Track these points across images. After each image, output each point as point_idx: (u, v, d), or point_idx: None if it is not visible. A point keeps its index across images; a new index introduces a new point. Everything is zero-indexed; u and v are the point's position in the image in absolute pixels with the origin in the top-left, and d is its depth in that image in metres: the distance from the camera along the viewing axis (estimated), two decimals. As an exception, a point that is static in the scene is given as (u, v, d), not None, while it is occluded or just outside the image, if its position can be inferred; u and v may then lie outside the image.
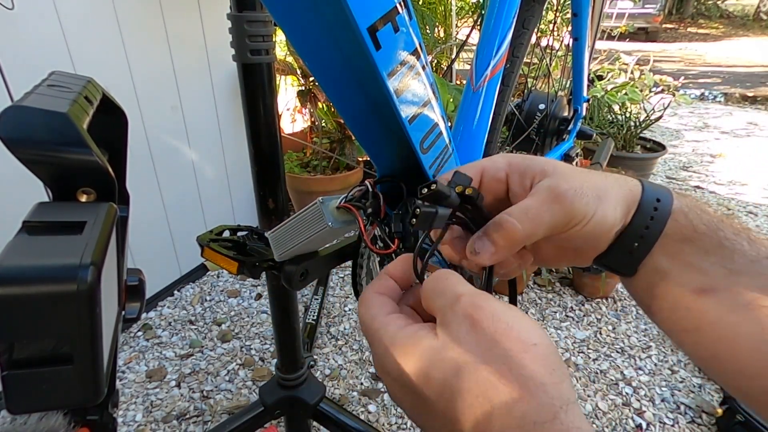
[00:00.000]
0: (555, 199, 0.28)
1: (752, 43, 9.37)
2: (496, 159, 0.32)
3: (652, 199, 0.29)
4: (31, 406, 0.22)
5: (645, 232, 0.29)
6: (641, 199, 0.29)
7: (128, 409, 1.16)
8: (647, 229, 0.29)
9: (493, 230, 0.28)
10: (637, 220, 0.29)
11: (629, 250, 0.30)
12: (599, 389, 1.26)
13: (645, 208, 0.29)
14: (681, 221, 0.29)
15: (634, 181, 0.31)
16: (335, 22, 0.31)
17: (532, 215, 0.28)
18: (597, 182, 0.29)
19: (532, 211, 0.28)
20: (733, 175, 2.82)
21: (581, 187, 0.28)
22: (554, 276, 1.73)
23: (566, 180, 0.29)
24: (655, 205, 0.29)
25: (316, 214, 0.37)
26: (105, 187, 0.25)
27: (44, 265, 0.19)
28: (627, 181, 0.30)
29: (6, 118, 0.22)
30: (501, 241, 0.28)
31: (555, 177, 0.29)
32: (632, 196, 0.29)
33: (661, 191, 0.30)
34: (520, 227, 0.28)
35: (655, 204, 0.29)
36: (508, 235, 0.28)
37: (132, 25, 1.25)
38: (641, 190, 0.30)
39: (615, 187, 0.30)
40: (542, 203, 0.28)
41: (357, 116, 0.39)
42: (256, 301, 1.59)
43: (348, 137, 2.01)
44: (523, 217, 0.28)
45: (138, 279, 0.32)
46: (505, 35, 0.61)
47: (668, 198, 0.29)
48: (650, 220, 0.29)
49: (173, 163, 1.48)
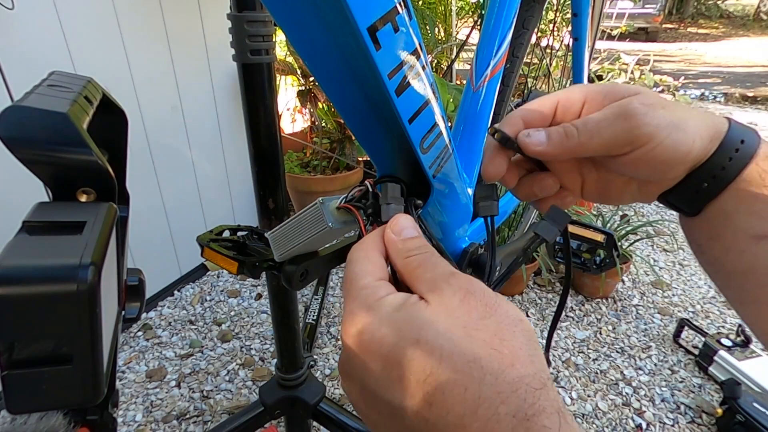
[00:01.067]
0: (622, 115, 0.27)
1: (752, 43, 9.37)
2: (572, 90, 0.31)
3: (736, 139, 0.27)
4: (31, 406, 0.22)
5: (720, 173, 0.27)
6: (725, 138, 0.27)
7: (128, 409, 1.16)
8: (723, 169, 0.27)
9: (554, 129, 0.29)
10: (716, 159, 0.27)
11: (696, 189, 0.28)
12: (599, 389, 1.26)
13: (726, 147, 0.27)
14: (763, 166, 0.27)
15: (721, 118, 0.28)
16: (335, 22, 0.31)
17: (591, 126, 0.28)
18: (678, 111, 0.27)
19: (592, 122, 0.28)
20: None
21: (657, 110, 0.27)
22: (554, 276, 1.73)
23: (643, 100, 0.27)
24: (738, 146, 0.27)
25: (316, 215, 0.37)
26: (105, 187, 0.25)
27: (44, 265, 0.19)
28: (714, 117, 0.28)
29: (6, 118, 0.22)
30: (555, 137, 0.29)
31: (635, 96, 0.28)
32: (716, 132, 0.27)
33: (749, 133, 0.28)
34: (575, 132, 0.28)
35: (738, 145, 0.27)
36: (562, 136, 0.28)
37: (132, 25, 1.25)
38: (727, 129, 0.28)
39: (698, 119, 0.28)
40: (606, 117, 0.28)
41: (357, 116, 0.39)
42: (256, 301, 1.59)
43: (348, 137, 2.01)
44: (582, 125, 0.28)
45: (138, 279, 0.32)
46: (505, 35, 0.61)
47: (754, 140, 0.27)
48: (728, 161, 0.27)
49: (173, 163, 1.48)
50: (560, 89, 0.34)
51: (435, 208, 0.45)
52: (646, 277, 1.77)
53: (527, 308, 1.58)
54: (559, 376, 1.30)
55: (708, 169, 0.28)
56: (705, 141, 0.27)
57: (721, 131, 0.28)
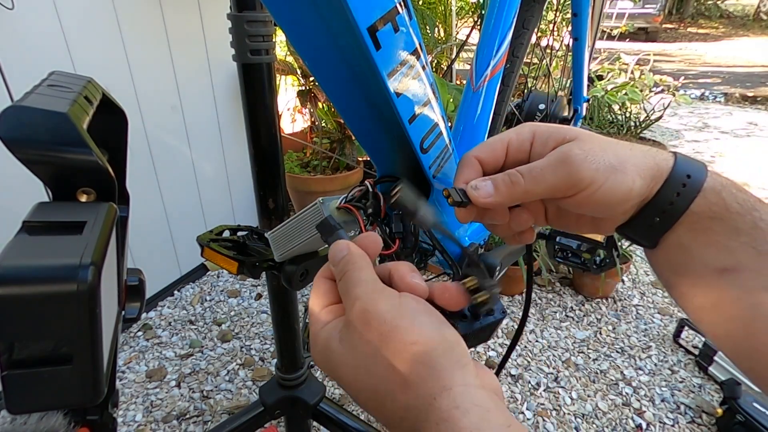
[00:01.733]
0: (563, 162, 0.29)
1: (752, 43, 9.37)
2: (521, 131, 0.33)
3: (682, 174, 0.28)
4: (31, 406, 0.22)
5: (668, 207, 0.28)
6: (670, 174, 0.28)
7: (128, 409, 1.16)
8: (671, 204, 0.28)
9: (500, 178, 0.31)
10: (663, 195, 0.28)
11: (650, 224, 0.29)
12: (599, 389, 1.26)
13: (672, 183, 0.28)
14: (712, 199, 0.28)
15: (666, 154, 0.29)
16: (335, 22, 0.31)
17: (535, 173, 0.29)
18: (618, 151, 0.29)
19: (537, 170, 0.29)
20: (733, 175, 2.82)
21: (596, 154, 0.28)
22: (554, 276, 1.73)
23: (582, 146, 0.29)
24: (684, 181, 0.28)
25: (316, 215, 0.37)
26: (105, 187, 0.25)
27: (44, 265, 0.19)
28: (656, 154, 0.29)
29: (6, 118, 0.22)
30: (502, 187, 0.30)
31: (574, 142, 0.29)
32: (658, 170, 0.29)
33: (695, 166, 0.29)
34: (522, 181, 0.30)
35: (685, 180, 0.28)
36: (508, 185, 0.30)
37: (132, 25, 1.25)
38: (672, 165, 0.29)
39: (639, 158, 0.29)
40: (549, 164, 0.29)
41: (357, 116, 0.39)
42: (256, 301, 1.59)
43: (348, 137, 2.01)
44: (527, 173, 0.30)
45: (138, 279, 0.32)
46: (505, 35, 0.61)
47: (701, 174, 0.28)
48: (676, 196, 0.28)
49: (173, 163, 1.48)
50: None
51: (435, 208, 0.45)
52: (646, 277, 1.77)
53: (527, 308, 1.58)
54: (559, 376, 1.30)
55: (657, 205, 0.29)
56: (646, 179, 0.28)
57: (664, 168, 0.29)
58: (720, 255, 0.28)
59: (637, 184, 0.28)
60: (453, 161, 0.45)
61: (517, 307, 1.59)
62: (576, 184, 0.28)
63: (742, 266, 0.27)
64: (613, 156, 0.28)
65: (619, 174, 0.28)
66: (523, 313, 0.43)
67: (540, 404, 1.21)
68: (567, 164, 0.28)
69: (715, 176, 0.29)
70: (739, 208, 0.27)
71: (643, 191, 0.28)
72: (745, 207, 0.27)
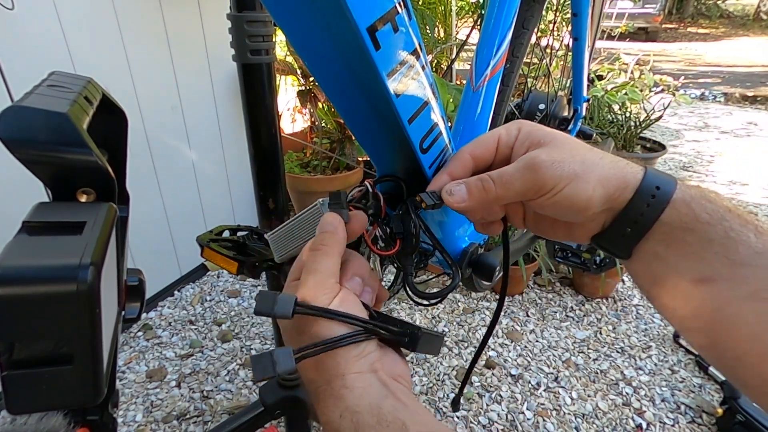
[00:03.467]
0: (530, 167, 0.31)
1: (752, 43, 9.36)
2: (510, 127, 0.34)
3: (651, 186, 0.29)
4: (31, 407, 0.22)
5: (639, 218, 0.29)
6: (639, 186, 0.30)
7: (128, 409, 1.16)
8: (642, 215, 0.29)
9: (473, 182, 0.33)
10: (633, 206, 0.30)
11: (622, 233, 0.31)
12: (599, 389, 1.26)
13: (642, 194, 0.29)
14: (682, 210, 0.29)
15: (636, 167, 0.31)
16: (335, 22, 0.31)
17: (504, 180, 0.32)
18: (586, 159, 0.30)
19: (506, 176, 0.32)
20: (733, 174, 2.82)
21: (563, 160, 0.30)
22: (554, 276, 1.73)
23: (551, 152, 0.31)
24: (654, 193, 0.29)
25: (316, 216, 0.37)
26: (105, 187, 0.25)
27: (44, 265, 0.19)
28: (625, 167, 0.31)
29: (6, 118, 0.22)
30: (475, 192, 0.33)
31: (545, 147, 0.31)
32: (624, 181, 0.30)
33: (664, 179, 0.30)
34: (493, 187, 0.32)
35: (654, 192, 0.29)
36: (481, 190, 0.32)
37: (132, 25, 1.25)
38: (641, 177, 0.30)
39: (605, 169, 0.30)
40: (517, 170, 0.31)
41: (357, 116, 0.39)
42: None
43: (348, 137, 2.01)
44: (497, 179, 0.32)
45: (138, 279, 0.32)
46: (505, 35, 0.61)
47: (670, 186, 0.29)
48: (646, 207, 0.29)
49: (173, 163, 1.48)
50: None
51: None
52: (646, 277, 1.77)
53: (527, 308, 1.58)
54: (559, 376, 1.30)
55: (629, 215, 0.30)
56: (609, 189, 0.30)
57: (632, 180, 0.30)
58: (696, 265, 0.28)
59: (598, 193, 0.30)
60: (453, 161, 0.45)
61: (516, 307, 1.59)
62: (539, 189, 0.30)
63: (718, 276, 0.28)
64: (580, 164, 0.30)
65: (581, 182, 0.30)
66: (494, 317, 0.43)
67: (540, 404, 1.21)
68: (532, 170, 0.30)
69: (685, 188, 0.30)
70: (709, 218, 0.28)
71: (603, 200, 0.30)
72: (715, 217, 0.28)
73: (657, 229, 0.29)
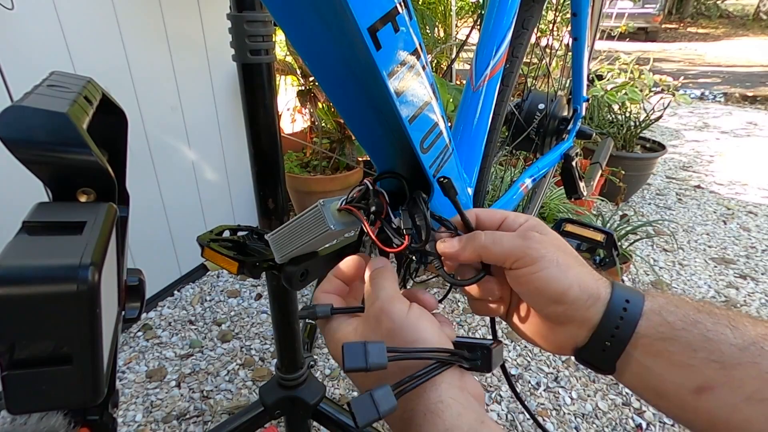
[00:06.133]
0: (522, 236, 0.33)
1: (752, 43, 9.36)
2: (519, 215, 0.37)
3: (620, 299, 0.31)
4: (31, 407, 0.22)
5: (616, 332, 0.30)
6: (610, 300, 0.31)
7: (128, 409, 1.16)
8: (618, 329, 0.30)
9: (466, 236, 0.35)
10: (608, 319, 0.30)
11: (602, 348, 0.31)
12: (599, 389, 1.26)
13: (614, 308, 0.30)
14: (655, 320, 0.29)
15: (606, 282, 0.32)
16: (335, 22, 0.31)
17: (496, 238, 0.34)
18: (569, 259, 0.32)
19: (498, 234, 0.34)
20: (733, 174, 2.82)
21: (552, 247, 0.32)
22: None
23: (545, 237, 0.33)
24: (624, 306, 0.30)
25: (317, 217, 0.37)
26: (105, 187, 0.25)
27: (44, 265, 0.19)
28: (599, 279, 0.32)
29: (6, 118, 0.22)
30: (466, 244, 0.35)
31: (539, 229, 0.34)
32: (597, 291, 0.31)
33: (632, 293, 0.31)
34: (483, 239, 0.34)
35: (624, 305, 0.30)
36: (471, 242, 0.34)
37: (132, 25, 1.25)
38: (610, 291, 0.31)
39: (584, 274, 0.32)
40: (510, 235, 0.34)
41: (357, 116, 0.39)
42: (256, 301, 1.59)
43: (348, 137, 2.01)
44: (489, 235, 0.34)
45: (138, 279, 0.32)
46: (505, 35, 0.61)
47: (638, 299, 0.30)
48: (620, 320, 0.30)
49: (173, 164, 1.48)
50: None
51: (435, 208, 0.45)
52: (646, 276, 1.77)
53: (527, 308, 1.58)
54: (559, 376, 1.30)
55: (605, 330, 0.31)
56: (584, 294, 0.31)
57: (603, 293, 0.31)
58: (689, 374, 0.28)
59: (574, 291, 0.31)
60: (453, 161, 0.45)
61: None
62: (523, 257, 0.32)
63: (713, 382, 0.27)
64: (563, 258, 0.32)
65: (561, 272, 0.31)
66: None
67: (540, 404, 1.21)
68: (525, 238, 0.32)
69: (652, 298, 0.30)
70: (683, 324, 0.28)
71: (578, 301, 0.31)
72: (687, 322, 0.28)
73: (638, 342, 0.30)
